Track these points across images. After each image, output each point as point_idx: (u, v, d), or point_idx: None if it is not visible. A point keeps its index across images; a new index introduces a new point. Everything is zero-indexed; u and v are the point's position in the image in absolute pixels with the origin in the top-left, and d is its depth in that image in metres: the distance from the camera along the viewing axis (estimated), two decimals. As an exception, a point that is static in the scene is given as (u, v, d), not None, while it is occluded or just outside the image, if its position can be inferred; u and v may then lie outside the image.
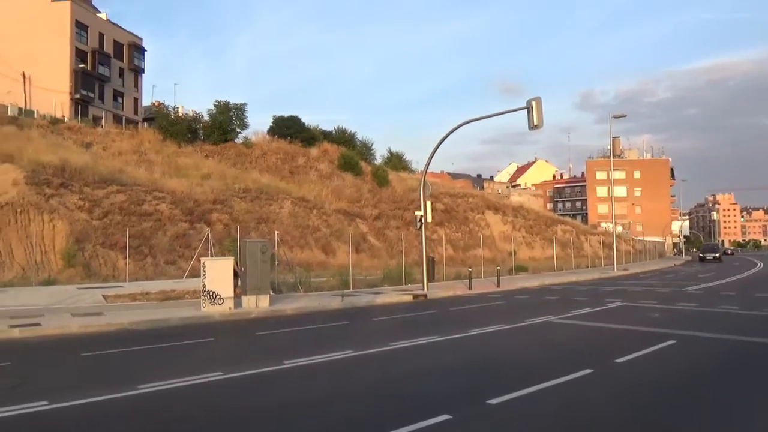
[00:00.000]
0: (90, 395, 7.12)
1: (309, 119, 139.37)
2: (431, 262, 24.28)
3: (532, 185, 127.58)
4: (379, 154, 65.49)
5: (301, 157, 50.62)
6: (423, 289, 22.43)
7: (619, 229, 74.28)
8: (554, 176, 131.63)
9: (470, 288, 23.80)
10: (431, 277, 23.86)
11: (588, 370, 8.20)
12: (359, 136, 62.78)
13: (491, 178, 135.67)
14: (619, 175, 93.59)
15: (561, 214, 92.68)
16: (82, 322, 13.83)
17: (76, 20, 53.82)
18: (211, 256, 24.22)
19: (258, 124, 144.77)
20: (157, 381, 7.82)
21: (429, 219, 23.98)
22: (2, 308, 16.11)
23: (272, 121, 55.50)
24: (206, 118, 50.38)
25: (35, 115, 42.97)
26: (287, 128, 53.47)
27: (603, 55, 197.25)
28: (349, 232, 34.16)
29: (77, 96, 52.47)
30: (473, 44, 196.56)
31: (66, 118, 46.59)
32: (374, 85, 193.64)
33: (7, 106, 42.21)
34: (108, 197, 29.37)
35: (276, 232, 25.80)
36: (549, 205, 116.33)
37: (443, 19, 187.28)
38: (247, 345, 11.95)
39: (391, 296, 20.91)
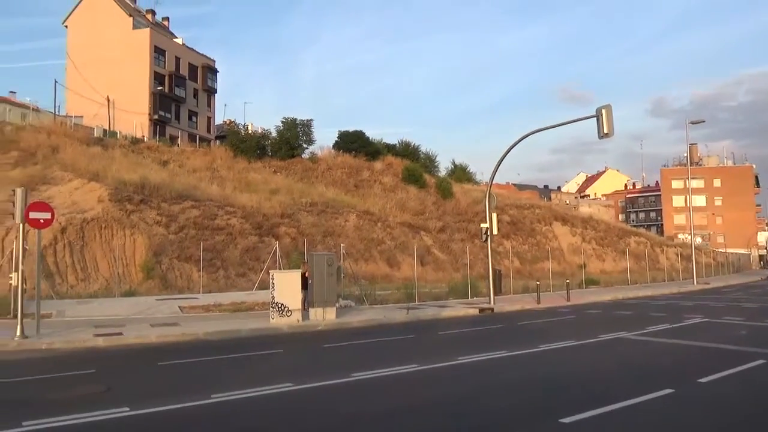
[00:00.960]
0: (167, 403, 7.42)
1: (373, 133, 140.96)
2: (497, 275, 23.86)
3: (602, 195, 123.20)
4: (443, 166, 65.24)
5: (365, 170, 51.17)
6: (489, 303, 22.05)
7: (698, 240, 70.42)
8: (626, 186, 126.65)
9: (538, 302, 23.19)
10: (498, 291, 23.44)
11: (668, 390, 7.77)
12: (423, 148, 62.84)
13: (558, 188, 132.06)
14: (697, 183, 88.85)
15: (634, 225, 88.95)
16: (159, 332, 14.48)
17: (155, 46, 57.05)
18: (279, 268, 24.81)
19: (324, 139, 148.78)
20: (229, 391, 8.05)
21: (495, 231, 23.60)
22: (88, 318, 17.13)
23: (337, 135, 56.58)
24: (274, 134, 52.02)
25: (118, 136, 45.69)
26: (352, 142, 54.24)
27: (673, 60, 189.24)
28: (413, 244, 34.16)
29: (155, 117, 55.43)
30: (536, 53, 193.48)
31: (145, 138, 49.29)
32: (438, 97, 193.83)
33: (94, 128, 45.12)
34: (183, 212, 30.73)
35: (342, 245, 26.13)
36: (621, 216, 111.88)
37: (504, 28, 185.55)
38: (315, 357, 12.11)
39: (456, 310, 20.69)
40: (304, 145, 52.63)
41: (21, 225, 14.02)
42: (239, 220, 32.33)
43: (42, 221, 14.20)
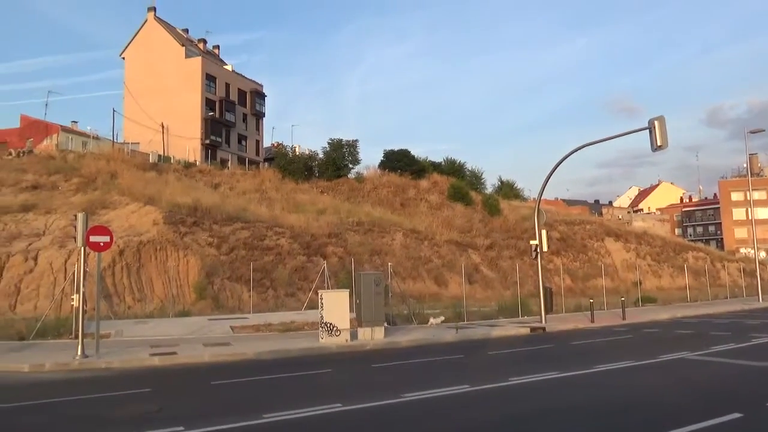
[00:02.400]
0: (220, 422, 7.52)
1: (418, 151, 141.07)
2: (548, 293, 23.28)
3: (657, 209, 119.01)
4: (490, 182, 64.61)
5: (411, 189, 51.23)
6: (541, 322, 21.51)
7: (762, 254, 66.94)
8: (681, 199, 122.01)
9: (592, 320, 22.47)
10: (549, 309, 22.84)
11: (737, 414, 7.34)
12: (469, 165, 62.54)
13: (610, 203, 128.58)
14: (759, 195, 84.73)
15: (691, 240, 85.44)
16: (212, 352, 14.75)
17: (206, 73, 59.12)
18: (327, 288, 24.96)
19: (369, 158, 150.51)
20: (280, 411, 8.09)
21: (545, 248, 23.11)
22: (145, 338, 17.64)
23: (383, 155, 56.96)
24: (321, 155, 52.92)
25: (172, 161, 47.43)
26: (397, 161, 54.51)
27: (728, 68, 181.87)
28: (461, 262, 33.81)
29: (207, 141, 57.22)
30: (584, 66, 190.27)
31: (197, 162, 50.94)
32: (484, 113, 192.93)
33: (149, 154, 46.99)
34: (234, 233, 31.44)
35: (389, 263, 26.10)
36: (677, 231, 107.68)
37: (551, 43, 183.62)
38: (364, 377, 12.05)
39: (507, 329, 20.27)
40: (350, 165, 53.32)
41: (82, 248, 14.64)
42: (288, 241, 32.82)
43: (101, 244, 14.78)
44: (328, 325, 16.24)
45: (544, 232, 22.97)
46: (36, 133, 50.18)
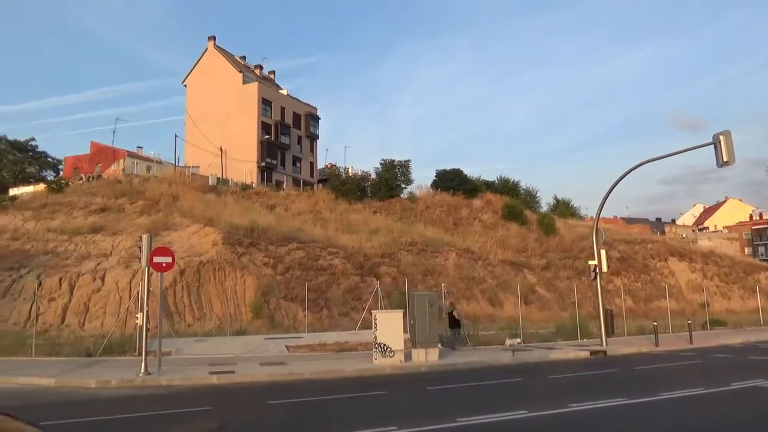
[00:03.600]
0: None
1: (471, 170, 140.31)
2: (609, 315, 22.48)
3: (724, 227, 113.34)
4: (545, 201, 63.49)
5: (464, 208, 50.87)
6: (601, 345, 20.75)
7: (844, 275, 62.40)
8: (751, 216, 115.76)
9: (657, 344, 21.47)
10: (610, 332, 22.03)
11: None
12: (523, 184, 61.72)
13: (673, 221, 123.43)
14: (837, 211, 79.48)
15: (763, 260, 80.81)
16: (268, 371, 14.96)
17: (263, 98, 60.99)
18: (381, 308, 24.93)
19: (422, 178, 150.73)
20: (335, 432, 8.08)
21: (604, 268, 22.38)
22: (204, 356, 18.08)
23: (435, 174, 56.98)
24: (373, 176, 53.39)
25: (230, 183, 48.96)
26: (450, 181, 54.35)
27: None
28: (516, 283, 33.14)
29: (263, 164, 58.79)
30: (640, 81, 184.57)
31: (254, 184, 52.35)
32: (537, 131, 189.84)
33: (208, 177, 48.68)
34: (289, 254, 31.98)
35: (443, 284, 25.88)
36: (747, 250, 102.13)
37: (606, 57, 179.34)
38: (419, 400, 11.91)
39: (565, 352, 19.64)
40: (403, 186, 53.53)
41: (146, 268, 15.23)
42: (341, 261, 33.09)
43: (164, 265, 15.34)
44: (382, 345, 16.20)
45: (603, 251, 22.29)
46: (104, 158, 52.95)
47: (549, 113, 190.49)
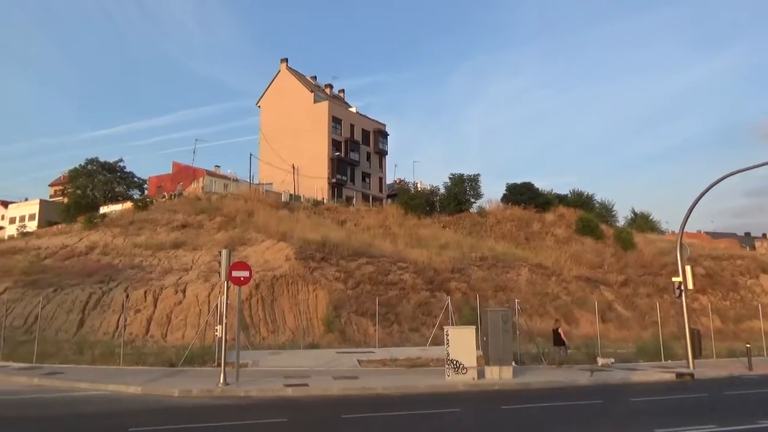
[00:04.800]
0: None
1: (542, 184, 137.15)
2: (696, 335, 21.14)
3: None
4: (621, 215, 61.15)
5: (536, 223, 49.68)
6: (688, 367, 19.56)
7: None
8: None
9: (750, 368, 19.99)
10: (697, 353, 20.70)
11: None
12: (597, 197, 59.65)
13: (764, 235, 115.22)
14: None
15: None
16: (341, 385, 15.09)
17: (333, 116, 62.36)
18: (452, 324, 24.64)
19: (491, 192, 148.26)
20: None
21: (689, 285, 21.16)
22: (278, 368, 18.49)
23: (505, 188, 56.11)
24: (442, 190, 53.20)
25: (302, 199, 50.20)
26: (520, 194, 53.33)
27: None
28: (592, 300, 31.90)
29: (333, 180, 59.93)
30: (725, 88, 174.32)
31: (325, 200, 53.43)
32: (612, 143, 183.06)
33: (281, 194, 50.13)
34: (359, 268, 32.29)
35: (516, 300, 25.29)
36: None
37: (685, 64, 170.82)
38: (494, 419, 11.63)
39: (648, 373, 18.65)
40: (472, 200, 53.01)
41: (225, 282, 15.80)
42: (411, 275, 33.04)
43: (242, 279, 15.86)
44: (455, 362, 15.98)
45: (688, 267, 21.10)
46: (185, 177, 55.71)
47: (623, 124, 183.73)
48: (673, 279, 21.53)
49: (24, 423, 10.75)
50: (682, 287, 20.91)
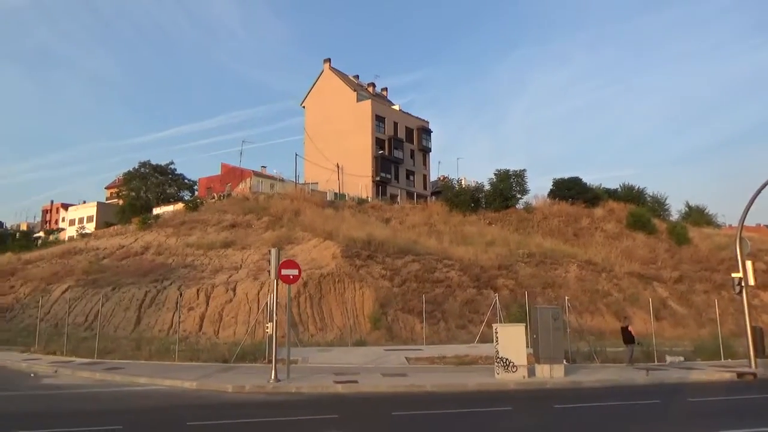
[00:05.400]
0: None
1: (591, 178, 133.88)
2: (759, 333, 20.22)
3: None
4: (675, 208, 59.00)
5: (584, 218, 48.57)
6: (750, 367, 18.73)
7: None
8: None
9: (819, 367, 18.99)
10: (760, 352, 19.78)
11: None
12: (649, 190, 57.79)
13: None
14: None
15: None
16: (390, 382, 15.14)
17: (376, 115, 62.55)
18: (499, 321, 24.38)
19: (538, 188, 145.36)
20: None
21: (750, 281, 20.27)
22: (327, 365, 18.70)
23: (552, 183, 55.02)
24: (487, 187, 52.59)
25: (346, 198, 50.60)
26: (568, 190, 52.20)
27: None
28: (645, 296, 30.96)
29: (377, 178, 60.13)
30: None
31: (369, 199, 53.67)
32: (662, 134, 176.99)
33: (326, 193, 50.67)
34: (405, 266, 32.31)
35: (566, 297, 24.80)
36: None
37: (736, 53, 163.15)
38: (548, 419, 11.44)
39: (707, 373, 17.97)
40: (518, 196, 52.18)
41: (275, 281, 16.08)
42: (457, 273, 32.85)
43: (291, 277, 16.12)
44: (504, 360, 15.81)
45: (749, 263, 20.22)
46: (233, 178, 57.00)
47: (675, 115, 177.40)
48: (733, 275, 20.65)
49: (92, 415, 11.24)
50: (743, 283, 20.05)
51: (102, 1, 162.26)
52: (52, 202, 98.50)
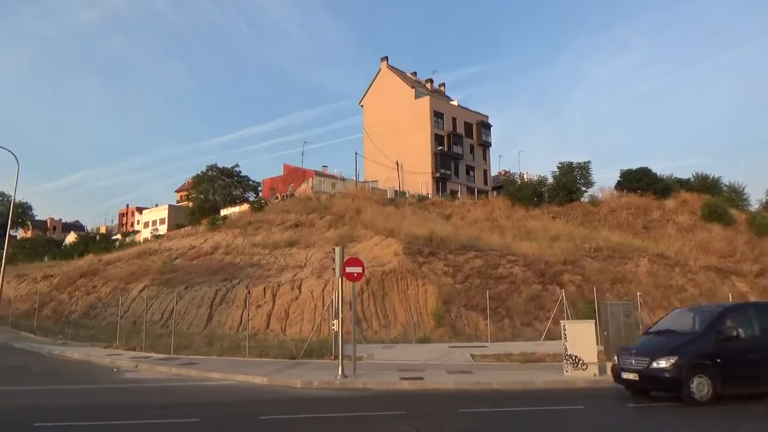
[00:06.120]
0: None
1: (660, 168, 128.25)
2: None
3: None
4: (755, 198, 55.60)
5: (655, 210, 46.63)
6: None
7: None
8: None
9: None
10: None
11: None
12: (725, 180, 54.79)
13: None
14: None
15: None
16: (456, 379, 15.07)
17: (434, 111, 62.35)
18: (567, 318, 23.76)
19: (603, 180, 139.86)
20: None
21: (843, 274, 18.87)
22: (392, 362, 18.82)
23: (619, 175, 53.10)
24: (550, 180, 51.37)
25: (407, 195, 50.70)
26: (636, 181, 50.26)
27: None
28: (724, 291, 29.42)
29: (437, 175, 59.93)
30: None
31: (429, 195, 53.56)
32: (738, 120, 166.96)
33: (387, 190, 50.95)
34: (467, 262, 32.03)
35: (638, 293, 23.92)
36: None
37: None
38: (622, 418, 11.11)
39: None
40: (583, 189, 50.68)
41: (340, 278, 16.33)
42: (521, 269, 32.27)
43: (355, 275, 16.31)
44: (573, 357, 15.41)
45: (841, 254, 18.81)
46: (295, 178, 58.29)
47: (753, 98, 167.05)
48: (823, 267, 19.30)
49: (171, 408, 11.81)
50: (835, 276, 18.68)
51: (170, 12, 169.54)
52: (127, 205, 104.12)
